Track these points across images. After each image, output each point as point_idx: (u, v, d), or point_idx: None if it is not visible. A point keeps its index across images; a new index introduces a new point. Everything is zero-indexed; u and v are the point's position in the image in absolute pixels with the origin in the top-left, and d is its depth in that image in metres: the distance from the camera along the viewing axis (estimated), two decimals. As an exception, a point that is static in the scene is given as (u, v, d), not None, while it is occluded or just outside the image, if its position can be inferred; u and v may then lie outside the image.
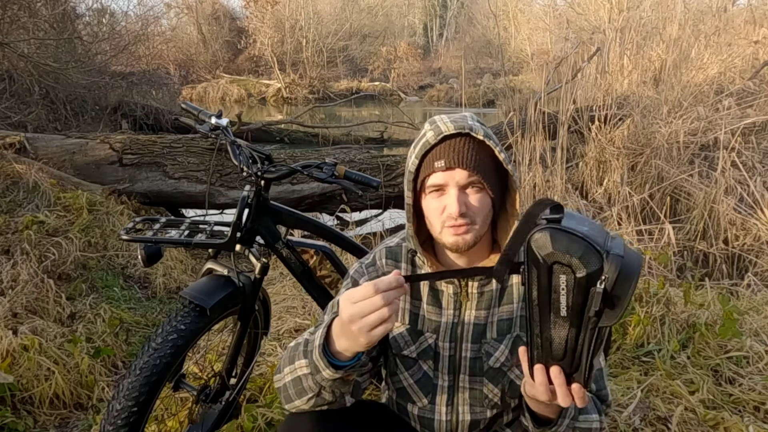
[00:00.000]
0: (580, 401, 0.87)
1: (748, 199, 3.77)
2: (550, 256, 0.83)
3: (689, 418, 1.99)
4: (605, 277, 0.79)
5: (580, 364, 0.86)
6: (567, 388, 0.87)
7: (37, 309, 2.79)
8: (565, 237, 0.82)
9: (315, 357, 0.99)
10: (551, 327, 0.86)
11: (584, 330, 0.84)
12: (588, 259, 0.80)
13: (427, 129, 1.11)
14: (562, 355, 0.86)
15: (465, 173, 1.07)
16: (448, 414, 1.20)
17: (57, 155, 4.58)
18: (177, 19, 21.07)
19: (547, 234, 0.83)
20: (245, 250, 1.74)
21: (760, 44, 6.13)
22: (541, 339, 0.87)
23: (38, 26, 7.58)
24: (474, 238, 1.10)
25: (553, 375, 0.87)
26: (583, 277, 0.81)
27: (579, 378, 0.87)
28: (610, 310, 0.81)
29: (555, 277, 0.83)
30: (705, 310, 2.66)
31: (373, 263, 1.24)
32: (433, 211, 1.11)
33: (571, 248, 0.81)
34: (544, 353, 0.88)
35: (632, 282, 0.80)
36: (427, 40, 32.21)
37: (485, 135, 1.08)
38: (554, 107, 4.57)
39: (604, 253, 0.80)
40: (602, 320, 0.82)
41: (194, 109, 1.92)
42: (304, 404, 1.07)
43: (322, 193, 4.54)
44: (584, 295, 0.81)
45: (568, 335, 0.85)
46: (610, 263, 0.80)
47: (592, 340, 0.84)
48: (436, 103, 18.14)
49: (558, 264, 0.82)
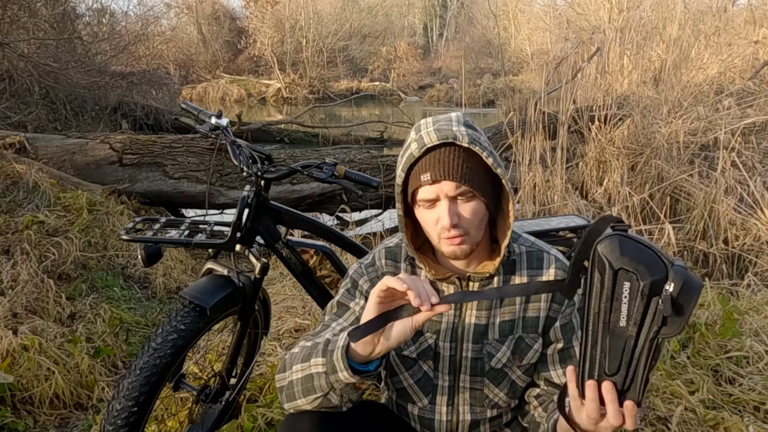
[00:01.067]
0: (631, 421, 0.84)
1: (748, 199, 3.77)
2: (617, 262, 0.83)
3: (689, 418, 1.99)
4: (671, 285, 0.80)
5: (635, 379, 0.84)
6: (618, 406, 0.84)
7: (37, 309, 2.79)
8: (633, 244, 0.84)
9: (336, 357, 0.99)
10: (608, 338, 0.85)
11: (643, 341, 0.83)
12: (655, 267, 0.82)
13: (411, 139, 1.09)
14: (617, 369, 0.85)
15: (453, 185, 1.05)
16: (448, 414, 1.20)
17: (57, 155, 4.58)
18: (177, 19, 21.08)
19: (617, 240, 0.84)
20: (245, 250, 1.74)
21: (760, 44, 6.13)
22: (595, 351, 0.86)
23: (38, 26, 7.58)
24: (470, 247, 1.10)
25: (604, 390, 0.85)
26: (648, 284, 0.81)
27: (632, 395, 0.85)
28: (676, 317, 0.81)
29: (619, 283, 0.83)
30: (705, 310, 2.66)
31: (373, 263, 1.24)
32: (429, 222, 1.10)
33: (638, 256, 0.83)
34: (598, 368, 0.86)
35: (696, 294, 0.80)
36: (427, 40, 32.22)
37: (471, 141, 1.05)
38: (554, 107, 4.57)
39: (669, 264, 0.82)
40: (664, 329, 0.81)
41: (194, 109, 1.92)
42: (308, 404, 1.06)
43: (322, 193, 4.54)
44: (646, 303, 0.82)
45: (625, 347, 0.84)
46: (675, 273, 0.81)
47: (650, 353, 0.83)
48: (436, 103, 18.13)
49: (624, 270, 0.83)
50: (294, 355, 1.11)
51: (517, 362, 1.18)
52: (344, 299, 1.21)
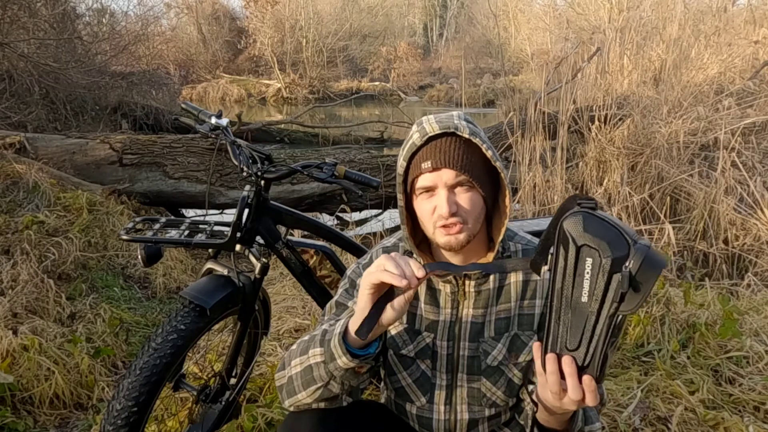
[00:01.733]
0: (591, 396, 0.86)
1: (748, 199, 3.77)
2: (580, 238, 0.85)
3: (689, 418, 1.99)
4: (630, 263, 0.82)
5: (594, 355, 0.86)
6: (578, 381, 0.86)
7: (37, 309, 2.79)
8: (597, 221, 0.85)
9: (333, 344, 1.00)
10: (570, 313, 0.87)
11: (602, 318, 0.84)
12: (617, 244, 0.83)
13: (414, 131, 1.11)
14: (578, 344, 0.87)
15: (452, 173, 1.07)
16: (446, 413, 1.20)
17: (57, 155, 4.58)
18: (177, 19, 21.08)
19: (581, 217, 0.86)
20: (245, 250, 1.74)
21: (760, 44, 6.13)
22: (558, 325, 0.88)
23: (38, 26, 7.57)
24: (467, 237, 1.10)
25: (564, 364, 0.87)
26: (609, 261, 0.83)
27: (591, 371, 0.87)
28: (634, 294, 0.82)
29: (582, 259, 0.85)
30: (705, 310, 2.66)
31: (370, 263, 1.24)
32: (425, 213, 1.11)
33: (601, 232, 0.84)
34: (559, 342, 0.88)
35: (655, 272, 0.82)
36: (427, 40, 32.21)
37: (471, 133, 1.08)
38: (554, 107, 4.57)
39: (631, 241, 0.83)
40: (623, 306, 0.83)
41: (194, 109, 1.92)
42: (309, 396, 1.07)
43: (322, 193, 4.54)
44: (607, 280, 0.83)
45: (586, 323, 0.86)
46: (637, 251, 0.82)
47: (609, 329, 0.84)
48: (436, 103, 18.14)
49: (587, 246, 0.85)
50: (292, 351, 1.12)
51: (513, 360, 1.18)
52: (342, 299, 1.23)
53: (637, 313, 2.60)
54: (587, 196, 0.90)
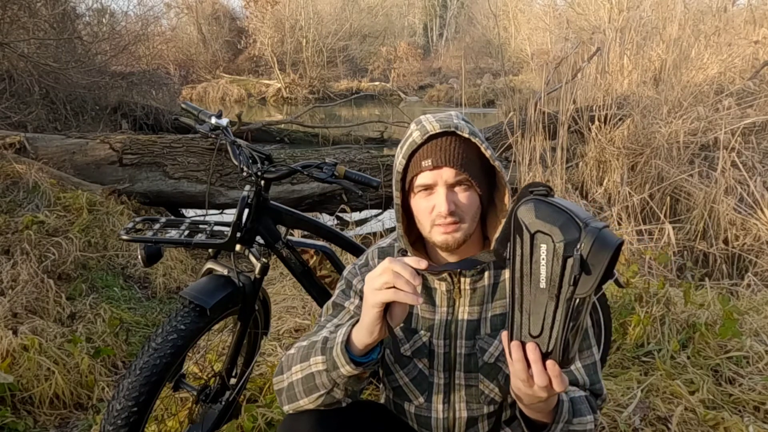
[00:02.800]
0: (557, 380, 0.87)
1: (748, 199, 3.77)
2: (532, 225, 0.86)
3: (689, 418, 1.99)
4: (581, 245, 0.83)
5: (556, 340, 0.87)
6: (542, 366, 0.87)
7: (37, 309, 2.79)
8: (548, 207, 0.86)
9: (336, 353, 1.00)
10: (531, 300, 0.88)
11: (561, 303, 0.85)
12: (567, 228, 0.84)
13: (413, 129, 1.12)
14: (539, 330, 0.88)
15: (452, 172, 1.08)
16: (444, 412, 1.20)
17: (57, 155, 4.58)
18: (177, 19, 21.08)
19: (532, 204, 0.87)
20: (245, 250, 1.74)
21: (760, 44, 6.13)
22: (521, 314, 0.89)
23: (38, 26, 7.57)
24: (463, 236, 1.11)
25: (528, 351, 0.88)
26: (561, 245, 0.84)
27: (554, 356, 0.88)
28: (586, 276, 0.83)
29: (536, 246, 0.86)
30: (705, 310, 2.66)
31: (366, 264, 1.25)
32: (422, 211, 1.11)
33: (552, 218, 0.85)
34: (522, 329, 0.89)
35: (607, 252, 0.82)
36: (427, 40, 32.21)
37: (471, 133, 1.09)
38: (554, 107, 4.57)
39: (582, 224, 0.84)
40: (578, 289, 0.83)
41: (194, 109, 1.92)
42: (311, 403, 1.07)
43: (322, 193, 4.54)
44: (562, 265, 0.84)
45: (546, 309, 0.86)
46: (587, 233, 0.83)
47: (568, 313, 0.85)
48: (436, 103, 18.13)
49: (540, 233, 0.86)
50: (291, 356, 1.11)
51: None
52: (339, 299, 1.23)
53: (637, 313, 2.60)
54: (541, 183, 0.91)
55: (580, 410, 1.07)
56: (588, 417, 1.08)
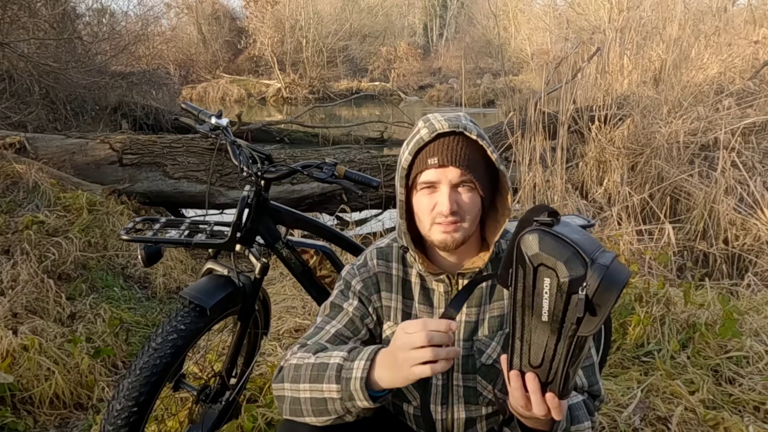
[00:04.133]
0: (555, 411, 0.87)
1: (748, 199, 3.77)
2: (536, 258, 0.83)
3: (689, 418, 1.99)
4: (587, 284, 0.79)
5: (556, 373, 0.85)
6: (542, 397, 0.87)
7: (37, 309, 2.79)
8: (553, 240, 0.83)
9: (354, 387, 0.98)
10: (532, 331, 0.86)
11: (563, 338, 0.83)
12: (573, 264, 0.81)
13: (421, 126, 1.12)
14: (540, 362, 0.86)
15: (458, 171, 1.08)
16: (443, 413, 1.20)
17: (57, 155, 4.57)
18: (177, 19, 21.06)
19: (536, 235, 0.84)
20: (245, 250, 1.74)
21: (760, 44, 6.13)
22: (521, 343, 0.88)
23: (38, 26, 7.57)
24: (463, 237, 1.11)
25: (527, 381, 0.88)
26: (566, 282, 0.81)
27: (554, 388, 0.86)
28: (591, 317, 0.80)
29: (540, 279, 0.83)
30: (705, 310, 2.66)
31: (365, 264, 1.25)
32: (424, 208, 1.12)
33: (557, 252, 0.82)
34: (522, 358, 0.88)
35: (614, 293, 0.80)
36: (427, 40, 32.19)
37: (478, 135, 1.09)
38: (554, 107, 4.57)
39: (589, 261, 0.81)
40: (581, 328, 0.81)
41: (194, 109, 1.92)
42: (319, 423, 1.05)
43: (322, 193, 4.54)
44: (566, 301, 0.81)
45: (547, 342, 0.85)
46: (594, 271, 0.79)
47: (570, 349, 0.83)
48: (436, 103, 18.14)
49: (543, 266, 0.83)
50: (295, 368, 1.08)
51: None
52: (338, 300, 1.22)
53: (637, 313, 2.60)
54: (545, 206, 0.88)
55: (577, 417, 1.08)
56: (585, 423, 1.09)
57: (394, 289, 1.22)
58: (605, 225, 3.78)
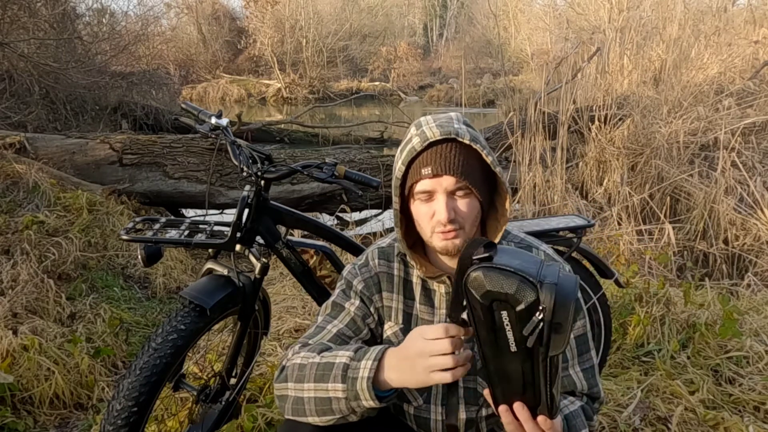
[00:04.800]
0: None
1: (748, 199, 3.77)
2: (487, 295, 0.83)
3: (689, 418, 1.99)
4: (543, 307, 0.80)
5: (541, 396, 0.86)
6: (534, 424, 0.87)
7: (37, 309, 2.79)
8: (498, 273, 0.83)
9: (361, 387, 0.98)
10: (505, 364, 0.86)
11: (536, 362, 0.84)
12: (523, 292, 0.81)
13: (413, 134, 1.10)
14: (522, 390, 0.87)
15: (452, 179, 1.06)
16: (443, 413, 1.20)
17: (57, 155, 4.57)
18: (177, 19, 21.05)
19: (480, 273, 0.84)
20: (245, 250, 1.74)
21: (760, 44, 6.13)
22: (498, 378, 0.88)
23: (38, 26, 7.57)
24: (463, 242, 1.10)
25: (517, 411, 0.88)
26: (522, 310, 0.81)
27: (543, 410, 0.87)
28: (557, 336, 0.81)
29: (497, 314, 0.84)
30: (705, 310, 2.66)
31: (366, 264, 1.24)
32: (423, 216, 1.11)
33: (505, 284, 0.82)
34: (504, 392, 0.89)
35: (570, 306, 0.80)
36: (427, 40, 32.20)
37: (472, 139, 1.07)
38: (554, 107, 4.57)
39: (537, 283, 0.81)
40: (551, 349, 0.82)
41: (194, 109, 1.92)
42: (322, 422, 1.05)
43: (322, 193, 4.54)
44: (528, 328, 0.82)
45: (523, 369, 0.85)
46: (545, 292, 0.80)
47: (546, 371, 0.84)
48: (436, 103, 18.14)
49: (497, 302, 0.83)
50: (299, 367, 1.07)
51: None
52: (339, 300, 1.22)
53: (637, 313, 2.60)
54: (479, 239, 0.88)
55: (575, 426, 1.08)
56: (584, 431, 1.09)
57: (395, 289, 1.21)
58: (605, 225, 3.78)
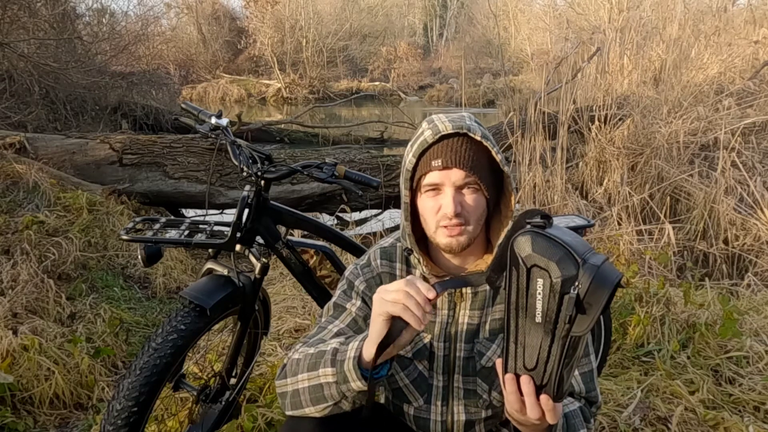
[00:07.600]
0: (550, 414, 0.87)
1: (748, 199, 3.77)
2: (529, 259, 0.85)
3: (689, 418, 1.99)
4: (578, 284, 0.81)
5: (551, 375, 0.86)
6: (536, 400, 0.87)
7: (37, 309, 2.79)
8: (545, 241, 0.84)
9: (347, 367, 0.99)
10: (526, 334, 0.87)
11: (557, 339, 0.84)
12: (565, 264, 0.82)
13: (425, 128, 1.11)
14: (534, 364, 0.87)
15: (462, 173, 1.07)
16: (443, 414, 1.21)
17: (57, 155, 4.57)
18: (177, 19, 21.08)
19: (529, 237, 0.85)
20: (245, 250, 1.74)
21: (760, 44, 6.13)
22: (515, 346, 0.89)
23: (38, 26, 7.57)
24: (467, 240, 1.11)
25: (522, 384, 0.88)
26: (558, 282, 0.82)
27: (549, 390, 0.87)
28: (582, 316, 0.82)
29: (533, 280, 0.85)
30: (705, 310, 2.66)
31: (368, 264, 1.24)
32: (429, 210, 1.11)
33: (549, 252, 0.83)
34: (516, 361, 0.89)
35: (605, 292, 0.81)
36: (427, 40, 32.20)
37: (483, 136, 1.09)
38: (554, 107, 4.57)
39: (580, 261, 0.82)
40: (574, 327, 0.82)
41: (194, 109, 1.92)
42: (317, 412, 1.06)
43: (322, 193, 4.54)
44: (558, 301, 0.83)
45: (541, 344, 0.86)
46: (585, 271, 0.81)
47: (564, 350, 0.84)
48: (436, 103, 18.14)
49: (536, 267, 0.84)
50: (296, 362, 1.09)
51: None
52: (341, 300, 1.22)
53: (637, 313, 2.60)
54: (539, 210, 0.89)
55: (574, 425, 1.08)
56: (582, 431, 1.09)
57: None
58: (605, 225, 3.78)
